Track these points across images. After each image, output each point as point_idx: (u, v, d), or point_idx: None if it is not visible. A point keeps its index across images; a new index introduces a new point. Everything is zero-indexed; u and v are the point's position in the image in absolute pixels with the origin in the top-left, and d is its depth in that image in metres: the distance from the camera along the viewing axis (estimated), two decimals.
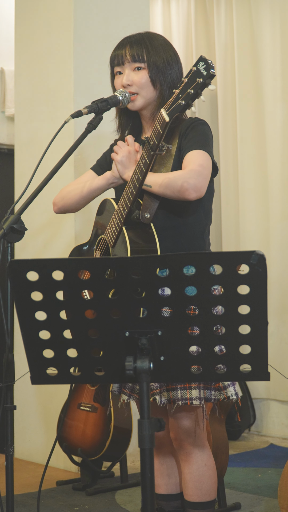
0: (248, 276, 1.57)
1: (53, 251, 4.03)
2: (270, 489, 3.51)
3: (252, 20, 4.98)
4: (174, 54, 2.41)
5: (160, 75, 2.35)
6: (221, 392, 2.27)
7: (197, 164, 2.23)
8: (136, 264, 1.62)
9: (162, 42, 2.40)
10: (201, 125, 2.35)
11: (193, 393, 2.23)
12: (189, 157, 2.26)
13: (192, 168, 2.22)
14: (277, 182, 4.83)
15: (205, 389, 2.26)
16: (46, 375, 1.71)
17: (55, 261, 1.64)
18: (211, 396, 2.26)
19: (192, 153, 2.26)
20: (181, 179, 2.19)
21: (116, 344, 1.66)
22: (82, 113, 2.30)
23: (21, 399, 4.16)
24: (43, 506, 3.36)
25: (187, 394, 2.23)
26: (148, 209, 2.27)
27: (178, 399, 2.24)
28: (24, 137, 4.26)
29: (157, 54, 2.36)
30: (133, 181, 2.25)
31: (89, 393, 3.60)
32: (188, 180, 2.18)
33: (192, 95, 2.04)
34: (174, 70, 2.38)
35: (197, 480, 2.32)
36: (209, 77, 2.02)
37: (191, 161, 2.24)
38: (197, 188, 2.19)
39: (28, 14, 4.25)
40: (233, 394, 2.27)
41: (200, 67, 2.03)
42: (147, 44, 2.36)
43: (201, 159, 2.25)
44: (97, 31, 4.01)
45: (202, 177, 2.21)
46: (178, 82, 2.37)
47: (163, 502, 2.48)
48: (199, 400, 2.23)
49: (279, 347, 4.74)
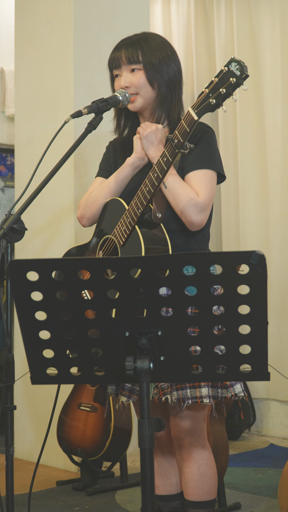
0: (248, 276, 1.57)
1: (53, 251, 4.02)
2: (270, 489, 3.51)
3: (252, 20, 4.98)
4: (172, 52, 2.41)
5: (157, 74, 2.36)
6: (228, 389, 2.27)
7: (209, 193, 2.29)
8: (136, 264, 1.62)
9: (158, 41, 2.41)
10: (207, 134, 2.35)
11: (203, 392, 2.23)
12: (199, 177, 2.29)
13: (205, 201, 2.27)
14: (277, 182, 4.83)
15: (212, 388, 2.26)
16: (46, 375, 1.71)
17: (55, 261, 1.64)
18: (218, 394, 2.26)
19: (199, 174, 2.30)
20: (193, 211, 2.25)
21: (116, 344, 1.66)
22: (82, 113, 2.30)
23: (21, 399, 4.16)
24: (43, 506, 3.36)
25: (197, 392, 2.23)
26: (159, 208, 2.27)
27: (188, 398, 2.23)
28: (24, 137, 4.26)
29: (153, 53, 2.36)
30: (151, 180, 2.22)
31: (89, 393, 3.60)
32: (198, 216, 2.26)
33: (224, 94, 2.06)
34: (172, 68, 2.38)
35: (198, 479, 2.32)
36: (244, 78, 2.06)
37: (204, 186, 2.28)
38: (200, 224, 2.29)
39: (28, 14, 4.25)
40: (240, 392, 2.27)
41: (233, 68, 2.06)
42: (142, 45, 2.36)
43: (210, 183, 2.30)
44: (97, 31, 4.01)
45: (208, 211, 2.30)
46: (176, 80, 2.40)
47: (161, 503, 2.48)
48: (208, 398, 2.23)
49: (279, 347, 4.74)
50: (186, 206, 2.25)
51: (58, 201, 3.99)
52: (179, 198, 2.26)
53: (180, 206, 2.26)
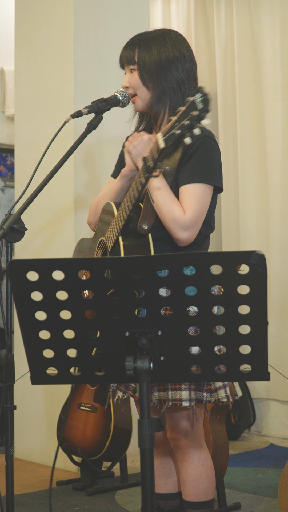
0: (248, 276, 1.57)
1: (53, 251, 4.02)
2: (270, 489, 3.51)
3: (252, 20, 4.98)
4: (179, 52, 2.30)
5: (151, 75, 2.29)
6: (212, 394, 2.25)
7: (197, 210, 2.22)
8: (136, 264, 1.62)
9: (160, 40, 2.31)
10: (203, 145, 2.26)
11: (183, 395, 2.21)
12: (188, 193, 2.23)
13: (191, 219, 2.21)
14: (277, 182, 4.83)
15: (197, 391, 2.23)
16: (46, 375, 1.71)
17: (55, 261, 1.64)
18: (203, 398, 2.24)
19: (192, 189, 2.23)
20: (177, 229, 2.20)
21: (116, 344, 1.66)
22: (82, 113, 2.30)
23: (21, 399, 4.16)
24: (43, 506, 3.36)
25: (177, 395, 2.22)
26: (146, 220, 2.22)
27: (169, 400, 2.22)
28: (24, 137, 4.27)
29: (149, 53, 2.29)
30: (130, 196, 2.19)
31: (89, 393, 3.60)
32: (183, 234, 2.21)
33: (187, 126, 1.99)
34: (175, 69, 2.29)
35: (195, 480, 2.31)
36: (204, 112, 1.96)
37: (192, 202, 2.22)
38: (189, 241, 2.24)
39: (28, 14, 4.25)
40: (223, 397, 2.25)
41: (197, 99, 1.97)
42: (140, 45, 2.31)
43: (200, 199, 2.23)
44: (97, 31, 4.01)
45: (196, 228, 2.24)
46: (181, 81, 2.29)
47: (161, 501, 2.48)
48: (188, 402, 2.21)
49: (279, 347, 4.74)
50: (169, 224, 2.21)
51: (58, 201, 4.00)
52: (164, 215, 2.21)
53: (165, 223, 2.22)
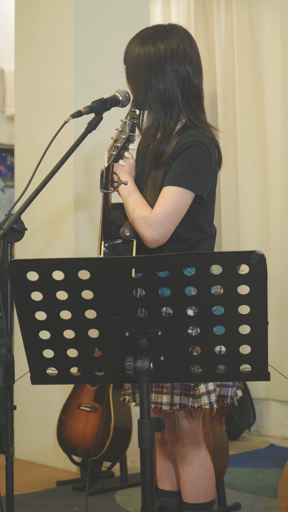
0: (248, 276, 1.58)
1: (53, 251, 4.02)
2: (270, 489, 3.51)
3: (252, 20, 4.98)
4: (171, 52, 2.29)
5: (132, 76, 2.29)
6: (196, 400, 2.20)
7: (166, 209, 2.15)
8: (135, 264, 1.62)
9: (147, 37, 2.28)
10: (189, 150, 2.19)
11: (164, 398, 2.20)
12: (163, 194, 2.18)
13: (156, 217, 2.16)
14: (277, 182, 4.83)
15: (183, 395, 2.20)
16: (46, 375, 1.72)
17: (55, 261, 1.64)
18: (189, 403, 2.20)
19: (167, 191, 2.18)
20: (142, 227, 2.17)
21: (116, 344, 1.66)
22: (82, 113, 2.30)
23: (21, 399, 4.16)
24: (43, 506, 3.36)
25: (159, 398, 2.21)
26: (129, 226, 2.22)
27: (151, 402, 2.21)
28: (24, 137, 4.27)
29: (132, 53, 2.27)
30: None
31: (89, 393, 3.60)
32: (148, 232, 2.16)
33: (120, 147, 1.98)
34: (161, 71, 2.25)
35: (193, 481, 2.30)
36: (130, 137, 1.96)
37: (162, 202, 2.17)
38: (155, 241, 2.17)
39: (28, 14, 4.26)
40: (206, 404, 2.20)
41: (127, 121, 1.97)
42: (131, 43, 2.30)
43: (173, 201, 2.15)
44: (97, 31, 4.01)
45: (164, 228, 2.16)
46: (175, 81, 2.29)
47: (165, 498, 2.47)
48: (169, 406, 2.20)
49: (279, 347, 4.74)
50: (135, 222, 2.19)
51: (58, 201, 3.99)
52: (130, 215, 2.21)
53: (133, 224, 2.21)
